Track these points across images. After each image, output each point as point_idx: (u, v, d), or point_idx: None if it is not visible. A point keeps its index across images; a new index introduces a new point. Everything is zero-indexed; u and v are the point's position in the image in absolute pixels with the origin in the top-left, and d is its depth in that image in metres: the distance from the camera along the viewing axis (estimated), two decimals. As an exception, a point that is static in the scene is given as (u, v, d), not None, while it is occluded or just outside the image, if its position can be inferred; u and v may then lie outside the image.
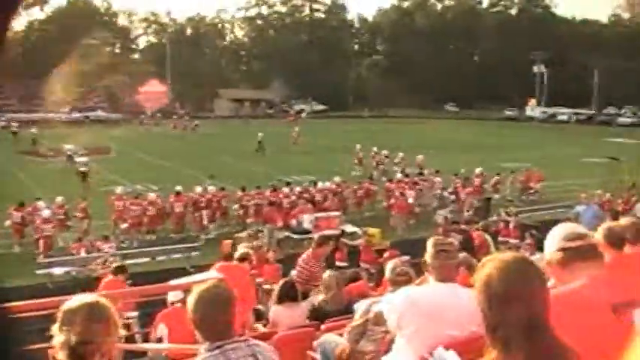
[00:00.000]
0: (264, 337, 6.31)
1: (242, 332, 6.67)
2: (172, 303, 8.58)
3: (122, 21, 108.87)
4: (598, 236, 3.87)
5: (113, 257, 17.71)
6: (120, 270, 11.95)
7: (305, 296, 8.39)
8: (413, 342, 3.85)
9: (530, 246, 15.38)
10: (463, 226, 15.74)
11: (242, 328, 7.80)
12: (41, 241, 20.11)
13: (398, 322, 3.96)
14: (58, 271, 17.57)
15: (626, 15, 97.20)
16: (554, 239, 3.02)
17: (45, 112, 70.40)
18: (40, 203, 22.15)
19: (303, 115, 77.01)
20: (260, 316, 9.62)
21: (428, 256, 4.18)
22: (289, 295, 7.76)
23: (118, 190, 24.43)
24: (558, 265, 2.94)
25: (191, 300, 3.09)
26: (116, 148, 45.74)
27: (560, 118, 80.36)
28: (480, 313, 2.18)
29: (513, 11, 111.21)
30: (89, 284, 13.55)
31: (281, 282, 8.17)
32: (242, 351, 3.06)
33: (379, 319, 4.26)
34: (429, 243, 4.25)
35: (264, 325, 8.47)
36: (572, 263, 2.87)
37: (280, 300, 7.71)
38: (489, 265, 2.17)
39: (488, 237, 14.85)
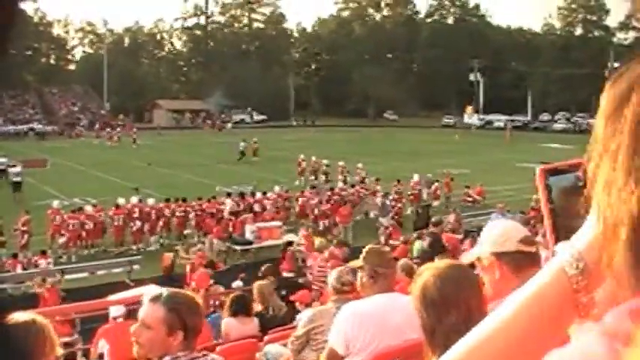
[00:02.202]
0: (207, 350, 6.26)
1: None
2: (115, 318, 8.40)
3: (57, 31, 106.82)
4: None
5: (54, 273, 17.31)
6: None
7: None
8: (363, 354, 3.86)
9: (471, 244, 15.49)
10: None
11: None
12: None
13: (345, 341, 3.95)
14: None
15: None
16: (509, 238, 2.59)
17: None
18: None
19: (228, 125, 76.46)
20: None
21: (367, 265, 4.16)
22: (243, 308, 7.68)
23: (55, 203, 23.80)
24: (510, 268, 2.54)
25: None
26: (53, 160, 44.65)
27: (496, 124, 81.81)
28: (418, 320, 2.22)
29: (450, 21, 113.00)
30: (26, 301, 13.24)
31: (235, 295, 8.04)
32: None
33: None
34: (366, 252, 4.25)
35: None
36: (526, 269, 2.41)
37: (234, 313, 7.61)
38: (426, 272, 2.22)
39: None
